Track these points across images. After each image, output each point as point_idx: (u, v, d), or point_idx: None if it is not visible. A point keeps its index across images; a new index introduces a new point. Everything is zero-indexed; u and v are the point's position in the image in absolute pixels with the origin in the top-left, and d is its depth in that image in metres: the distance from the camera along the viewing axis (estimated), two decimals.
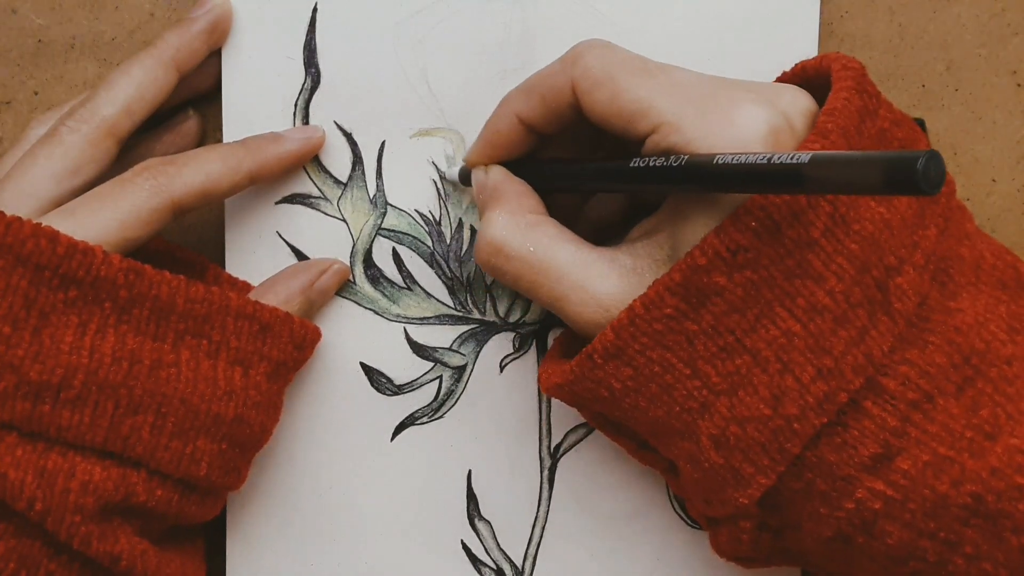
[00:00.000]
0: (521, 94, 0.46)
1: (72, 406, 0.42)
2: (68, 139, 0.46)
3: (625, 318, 0.41)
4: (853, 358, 0.40)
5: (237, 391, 0.46)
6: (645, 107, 0.41)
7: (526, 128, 0.46)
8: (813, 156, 0.34)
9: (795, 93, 0.42)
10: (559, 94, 0.44)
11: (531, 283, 0.44)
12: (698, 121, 0.40)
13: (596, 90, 0.43)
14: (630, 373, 0.42)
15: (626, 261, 0.43)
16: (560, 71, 0.44)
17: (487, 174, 0.48)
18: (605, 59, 0.43)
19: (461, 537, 0.54)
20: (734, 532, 0.44)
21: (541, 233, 0.45)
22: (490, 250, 0.45)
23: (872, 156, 0.32)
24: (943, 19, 0.53)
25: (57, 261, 0.41)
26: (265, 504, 0.53)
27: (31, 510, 0.42)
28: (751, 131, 0.40)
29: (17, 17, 0.53)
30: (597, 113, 0.43)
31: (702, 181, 0.39)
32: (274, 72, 0.52)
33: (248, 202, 0.52)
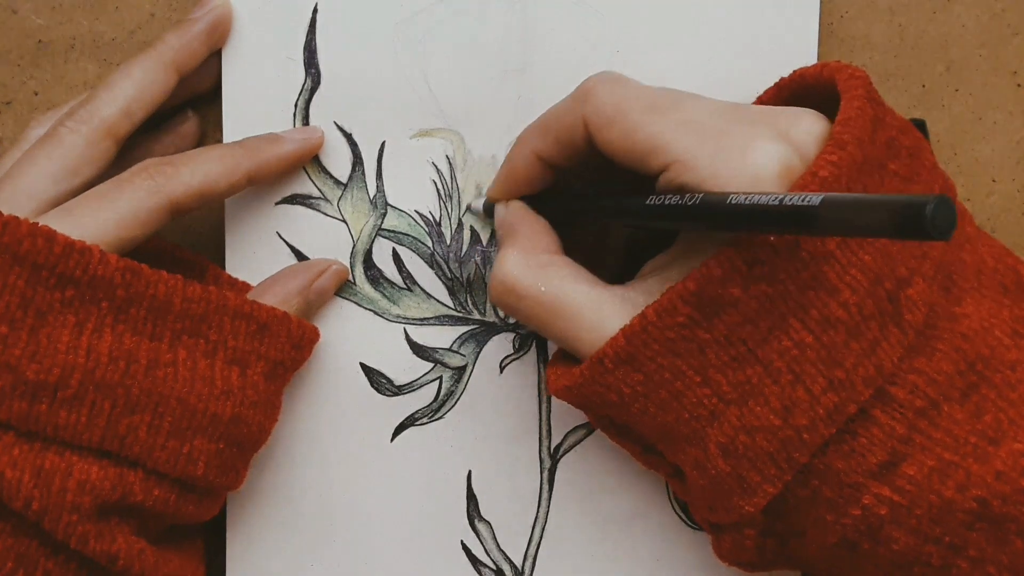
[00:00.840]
0: (536, 131, 0.46)
1: (69, 405, 0.42)
2: (67, 139, 0.46)
3: (637, 324, 0.41)
4: (864, 370, 0.40)
5: (234, 391, 0.46)
6: (657, 145, 0.41)
7: (543, 164, 0.46)
8: (824, 199, 0.34)
9: (812, 120, 0.42)
10: (572, 131, 0.44)
11: (543, 322, 0.44)
12: (710, 159, 0.40)
13: (608, 128, 0.42)
14: (640, 379, 0.42)
15: (637, 299, 0.43)
16: (571, 109, 0.44)
17: (506, 209, 0.48)
18: (616, 95, 0.43)
19: (461, 538, 0.54)
20: (738, 539, 0.44)
21: (553, 273, 0.44)
22: (502, 289, 0.45)
23: (883, 200, 0.32)
24: (943, 20, 0.53)
25: (54, 260, 0.41)
26: (265, 504, 0.53)
27: (28, 509, 0.42)
28: (764, 169, 0.40)
29: (17, 17, 0.53)
30: (610, 149, 0.43)
31: (715, 220, 0.38)
32: (274, 72, 0.52)
33: (248, 202, 0.52)
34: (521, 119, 0.51)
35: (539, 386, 0.53)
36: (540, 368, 0.53)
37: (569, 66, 0.51)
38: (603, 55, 0.51)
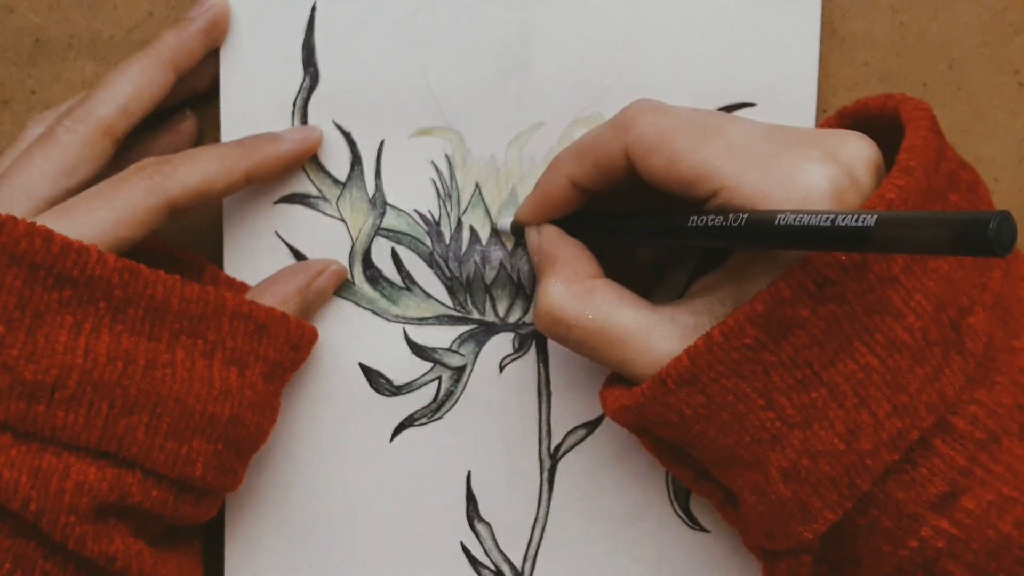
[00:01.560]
0: (573, 157, 0.46)
1: (67, 406, 0.42)
2: (65, 139, 0.46)
3: (702, 345, 0.41)
4: (928, 396, 0.40)
5: (233, 391, 0.45)
6: (704, 172, 0.41)
7: (578, 189, 0.46)
8: (880, 217, 0.34)
9: (860, 143, 0.42)
10: (612, 159, 0.44)
11: (593, 349, 0.44)
12: (759, 184, 0.40)
13: (652, 156, 0.42)
14: (702, 400, 0.42)
15: (687, 320, 0.43)
16: (613, 137, 0.43)
17: (540, 235, 0.48)
18: (659, 124, 0.42)
19: (460, 538, 0.54)
20: (793, 566, 0.44)
21: (600, 299, 0.44)
22: (549, 320, 0.45)
23: (942, 217, 0.32)
24: (945, 18, 0.53)
25: (52, 260, 0.41)
26: (264, 505, 0.53)
27: (26, 510, 0.41)
28: (815, 190, 0.39)
29: (15, 16, 0.53)
30: (653, 178, 0.42)
31: (764, 240, 0.38)
32: (272, 71, 0.52)
33: (247, 202, 0.52)
34: (521, 119, 0.51)
35: (539, 386, 0.53)
36: (540, 368, 0.53)
37: (569, 66, 0.51)
38: (603, 55, 0.51)
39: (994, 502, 0.40)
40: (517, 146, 0.52)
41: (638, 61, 0.51)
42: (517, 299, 0.52)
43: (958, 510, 0.40)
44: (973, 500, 0.40)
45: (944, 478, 0.40)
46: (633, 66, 0.51)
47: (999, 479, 0.40)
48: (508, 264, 0.52)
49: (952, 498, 0.41)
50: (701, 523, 0.53)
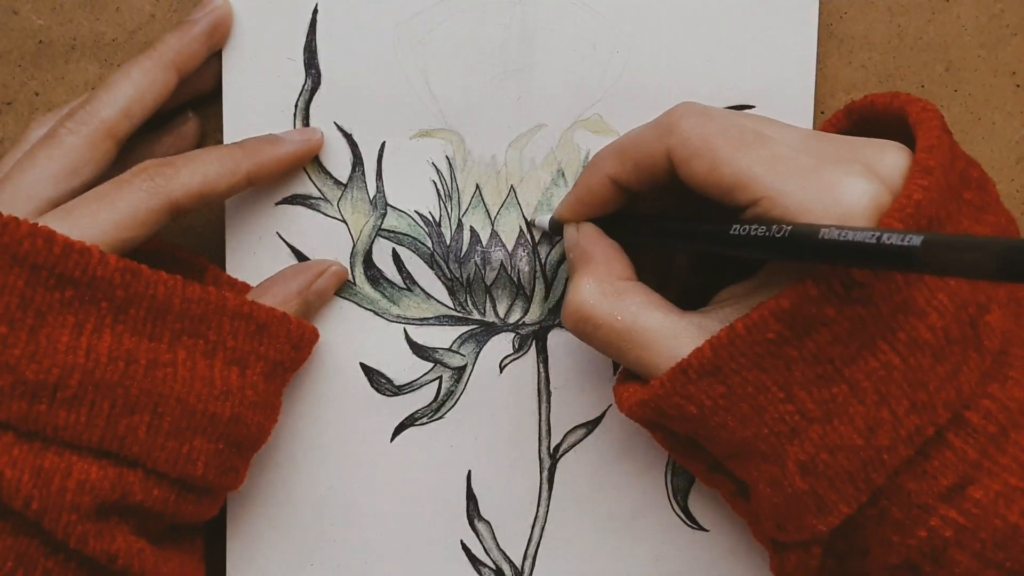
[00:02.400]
0: (614, 156, 0.46)
1: (69, 406, 0.42)
2: (67, 140, 0.46)
3: (725, 337, 0.41)
4: (946, 393, 0.40)
5: (234, 391, 0.46)
6: (745, 180, 0.41)
7: (618, 188, 0.46)
8: (925, 239, 0.33)
9: (897, 155, 0.42)
10: (654, 160, 0.44)
11: (618, 349, 0.44)
12: (800, 196, 0.40)
13: (694, 160, 0.42)
14: (723, 391, 0.42)
15: (714, 327, 0.43)
16: (656, 139, 0.43)
17: (578, 232, 0.48)
18: (703, 128, 0.42)
19: (461, 537, 0.54)
20: (803, 558, 0.44)
21: (629, 301, 0.44)
22: (577, 317, 0.45)
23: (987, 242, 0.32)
24: (942, 20, 0.53)
25: (54, 261, 0.41)
26: (265, 504, 0.53)
27: (28, 509, 0.42)
28: (855, 206, 0.39)
29: (18, 18, 0.54)
30: (694, 182, 0.42)
31: (806, 253, 0.38)
32: (274, 73, 0.52)
33: (248, 203, 0.52)
34: (521, 119, 0.52)
35: (538, 386, 0.53)
36: (540, 368, 0.53)
37: (569, 66, 0.51)
38: (603, 55, 0.51)
39: (1001, 492, 0.41)
40: (517, 148, 0.52)
41: (638, 63, 0.51)
42: (517, 299, 0.53)
43: (966, 500, 0.41)
44: (981, 490, 0.41)
45: (955, 471, 0.41)
46: (633, 68, 0.51)
47: (1006, 470, 0.41)
48: (508, 265, 0.52)
49: (961, 489, 0.41)
50: (700, 522, 0.53)
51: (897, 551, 0.42)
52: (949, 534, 0.41)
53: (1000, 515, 0.41)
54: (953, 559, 0.41)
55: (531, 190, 0.52)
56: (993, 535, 0.41)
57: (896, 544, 0.42)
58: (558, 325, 0.53)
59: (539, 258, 0.52)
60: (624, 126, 0.51)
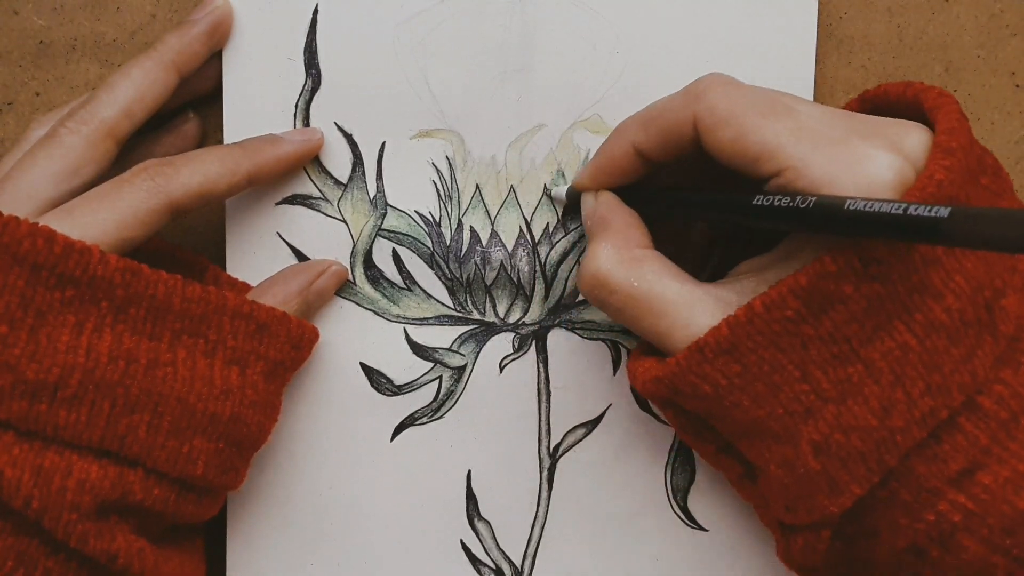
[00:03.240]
0: (639, 124, 0.46)
1: (69, 405, 0.42)
2: (68, 140, 0.46)
3: (743, 316, 0.41)
4: (960, 376, 0.41)
5: (234, 390, 0.46)
6: (771, 150, 0.41)
7: (641, 157, 0.46)
8: (953, 211, 0.33)
9: (921, 135, 0.42)
10: (679, 128, 0.44)
11: (632, 317, 0.44)
12: (826, 167, 0.40)
13: (719, 129, 0.42)
14: (738, 370, 0.42)
15: (731, 298, 0.43)
16: (682, 106, 0.43)
17: (596, 200, 0.48)
18: (730, 97, 0.42)
19: (460, 537, 0.54)
20: (811, 540, 0.44)
21: (646, 268, 0.44)
22: (594, 282, 0.45)
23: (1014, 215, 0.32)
24: (942, 20, 0.53)
25: (54, 260, 0.41)
26: (265, 504, 0.53)
27: (28, 508, 0.42)
28: (879, 179, 0.39)
29: (19, 18, 0.54)
30: (719, 151, 0.42)
31: (830, 225, 0.38)
32: (275, 73, 0.52)
33: (249, 203, 0.52)
34: (521, 119, 0.52)
35: (538, 386, 0.53)
36: (539, 368, 0.53)
37: (569, 67, 0.51)
38: (603, 55, 0.51)
39: (1010, 478, 0.41)
40: (517, 148, 0.52)
41: (637, 64, 0.51)
42: (517, 299, 0.53)
43: (975, 485, 0.41)
44: (989, 476, 0.41)
45: (965, 455, 0.41)
46: (632, 69, 0.51)
47: (1015, 456, 0.41)
48: (508, 265, 0.52)
49: (970, 474, 0.41)
50: (699, 522, 0.53)
51: (905, 534, 0.42)
52: (957, 519, 0.41)
53: (1008, 501, 0.40)
54: (960, 544, 0.41)
55: (531, 190, 0.52)
56: (1001, 520, 0.41)
57: (904, 527, 0.42)
58: (558, 325, 0.53)
59: (539, 258, 0.52)
60: None
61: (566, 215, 0.52)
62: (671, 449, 0.53)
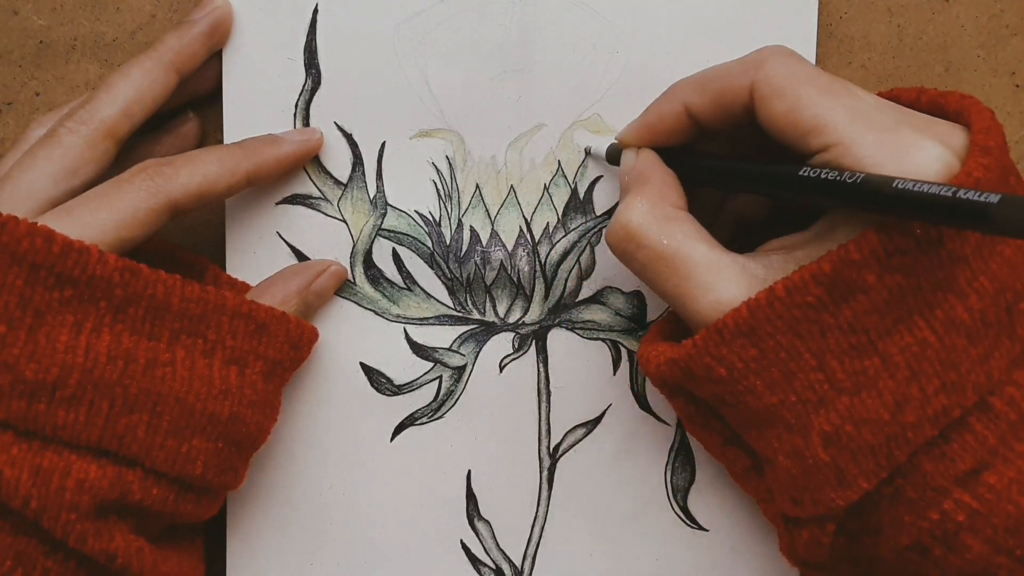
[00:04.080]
0: (694, 86, 0.46)
1: (67, 405, 0.42)
2: (67, 140, 0.46)
3: (763, 299, 0.41)
4: (976, 376, 0.41)
5: (233, 390, 0.46)
6: (823, 124, 0.41)
7: (690, 119, 0.46)
8: (1003, 197, 0.34)
9: (964, 135, 0.42)
10: (735, 94, 0.44)
11: (657, 274, 0.44)
12: (876, 148, 0.40)
13: (775, 98, 0.42)
14: (755, 354, 0.41)
15: (758, 271, 0.43)
16: (741, 72, 0.44)
17: (637, 156, 0.48)
18: (790, 69, 0.43)
19: (460, 537, 0.54)
20: (816, 534, 0.44)
21: (677, 228, 0.44)
22: (624, 234, 0.45)
23: None
24: (942, 20, 0.53)
25: (53, 260, 0.42)
26: (265, 504, 0.53)
27: (27, 508, 0.42)
28: (927, 168, 0.40)
29: (18, 18, 0.54)
30: (771, 121, 0.43)
31: (875, 202, 0.38)
32: (275, 73, 0.52)
33: (249, 203, 0.52)
34: (521, 119, 0.52)
35: (538, 386, 0.53)
36: (539, 367, 0.53)
37: (569, 66, 0.51)
38: (603, 55, 0.51)
39: (1015, 479, 0.41)
40: (517, 148, 0.52)
41: (637, 63, 0.51)
42: (517, 299, 0.53)
43: (980, 485, 0.41)
44: (995, 476, 0.41)
45: (973, 455, 0.41)
46: (632, 68, 0.51)
47: (1021, 457, 0.41)
48: (508, 264, 0.52)
49: (976, 474, 0.41)
50: (699, 522, 0.53)
51: (909, 532, 0.42)
52: (961, 518, 0.41)
53: (1013, 501, 0.41)
54: (964, 543, 0.41)
55: (531, 190, 0.52)
56: (1005, 521, 0.41)
57: (908, 525, 0.42)
58: (558, 325, 0.53)
59: (539, 258, 0.52)
60: (623, 126, 0.51)
61: (575, 204, 0.52)
62: (671, 449, 0.53)
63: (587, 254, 0.53)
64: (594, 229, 0.52)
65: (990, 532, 0.41)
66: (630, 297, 0.53)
